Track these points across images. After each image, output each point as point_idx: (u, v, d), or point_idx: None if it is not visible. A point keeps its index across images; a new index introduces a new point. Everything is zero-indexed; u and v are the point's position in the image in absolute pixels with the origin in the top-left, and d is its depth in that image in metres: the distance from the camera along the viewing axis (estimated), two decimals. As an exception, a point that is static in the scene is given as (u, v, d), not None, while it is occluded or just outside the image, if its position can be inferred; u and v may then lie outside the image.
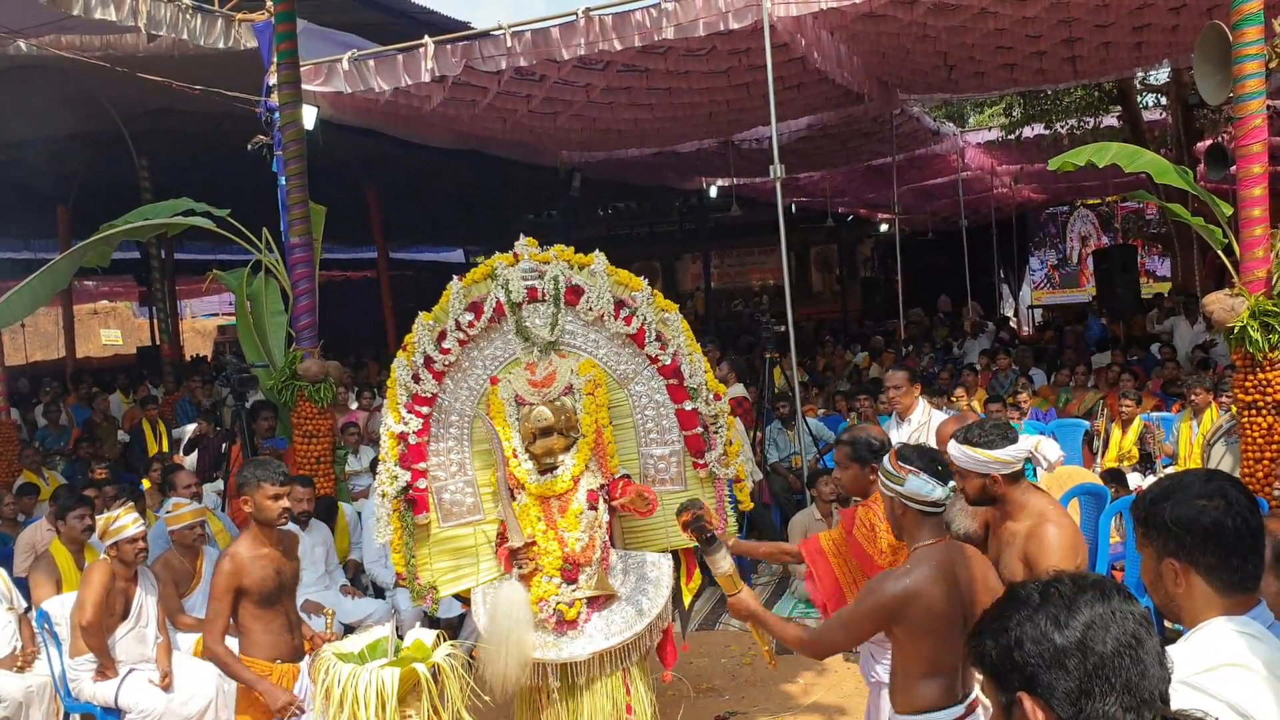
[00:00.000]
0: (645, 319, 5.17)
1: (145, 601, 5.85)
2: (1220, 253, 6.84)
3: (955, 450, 3.79)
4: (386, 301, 17.28)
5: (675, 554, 5.29)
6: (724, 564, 3.82)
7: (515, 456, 5.08)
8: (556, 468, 5.03)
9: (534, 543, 5.00)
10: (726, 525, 5.26)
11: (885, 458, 3.52)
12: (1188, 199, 7.77)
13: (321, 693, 4.13)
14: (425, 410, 5.29)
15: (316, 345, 8.08)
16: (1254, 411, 6.35)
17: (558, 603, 4.91)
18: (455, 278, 5.36)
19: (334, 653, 4.25)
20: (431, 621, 6.63)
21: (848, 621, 3.40)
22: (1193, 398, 8.74)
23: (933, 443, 5.04)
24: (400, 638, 4.45)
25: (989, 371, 12.69)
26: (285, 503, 4.66)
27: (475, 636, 5.12)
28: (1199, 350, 12.90)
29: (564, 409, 5.05)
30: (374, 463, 8.51)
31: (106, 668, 5.67)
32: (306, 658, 4.82)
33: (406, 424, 5.26)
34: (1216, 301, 6.44)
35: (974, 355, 14.85)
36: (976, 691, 3.41)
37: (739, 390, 10.53)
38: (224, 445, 9.10)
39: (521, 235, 5.42)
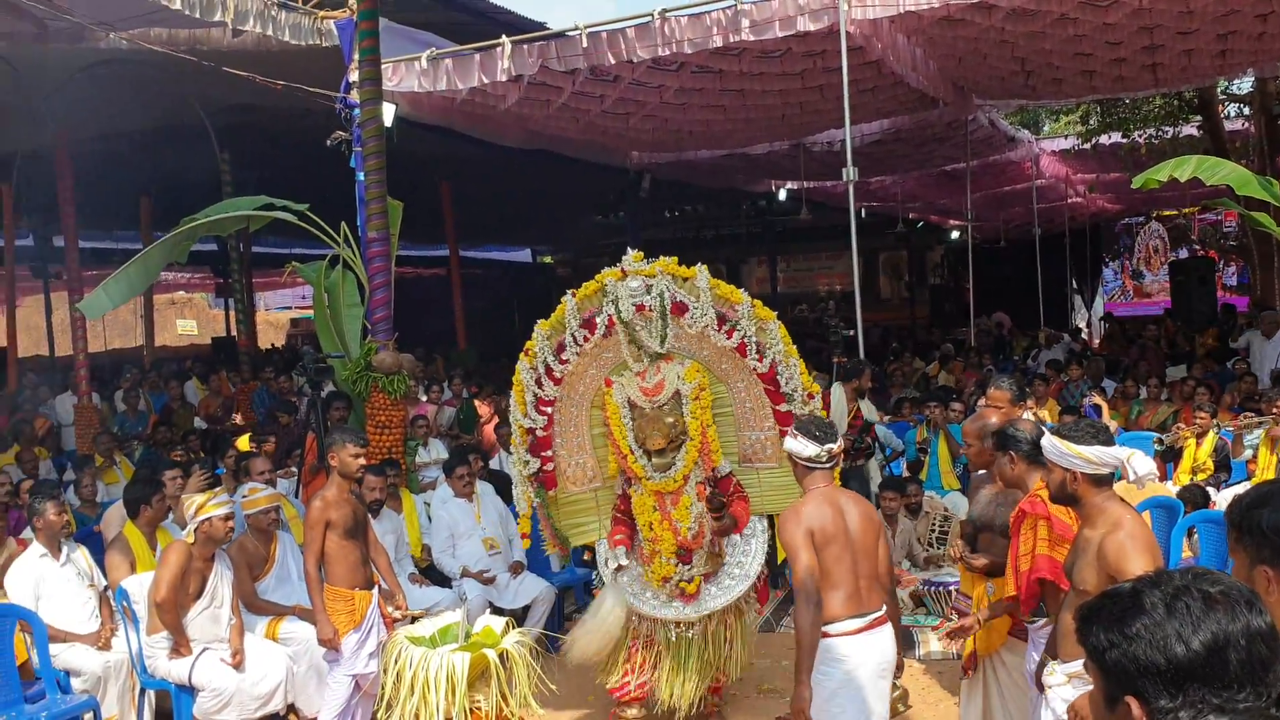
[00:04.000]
0: (746, 333, 5.67)
1: (221, 583, 5.99)
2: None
3: (1045, 442, 3.88)
4: (457, 299, 17.44)
5: (770, 518, 5.96)
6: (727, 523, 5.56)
7: (632, 453, 5.74)
8: (670, 467, 5.69)
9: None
10: None
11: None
12: (1270, 210, 7.63)
13: (393, 675, 4.22)
14: (549, 410, 6.06)
15: (391, 338, 8.21)
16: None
17: (678, 580, 5.71)
18: (570, 293, 5.91)
19: (406, 636, 4.33)
20: (497, 611, 6.73)
21: (793, 553, 4.22)
22: (1275, 411, 8.56)
23: None
24: (470, 625, 4.53)
25: (1060, 381, 12.52)
26: (363, 460, 5.74)
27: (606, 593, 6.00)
28: (1281, 367, 12.59)
29: (674, 414, 5.68)
30: (456, 452, 8.67)
31: (180, 645, 5.81)
32: (376, 588, 5.72)
33: (534, 421, 6.06)
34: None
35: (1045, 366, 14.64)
36: (882, 613, 4.31)
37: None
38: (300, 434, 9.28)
39: (629, 250, 5.90)
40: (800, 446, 4.36)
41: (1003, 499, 4.71)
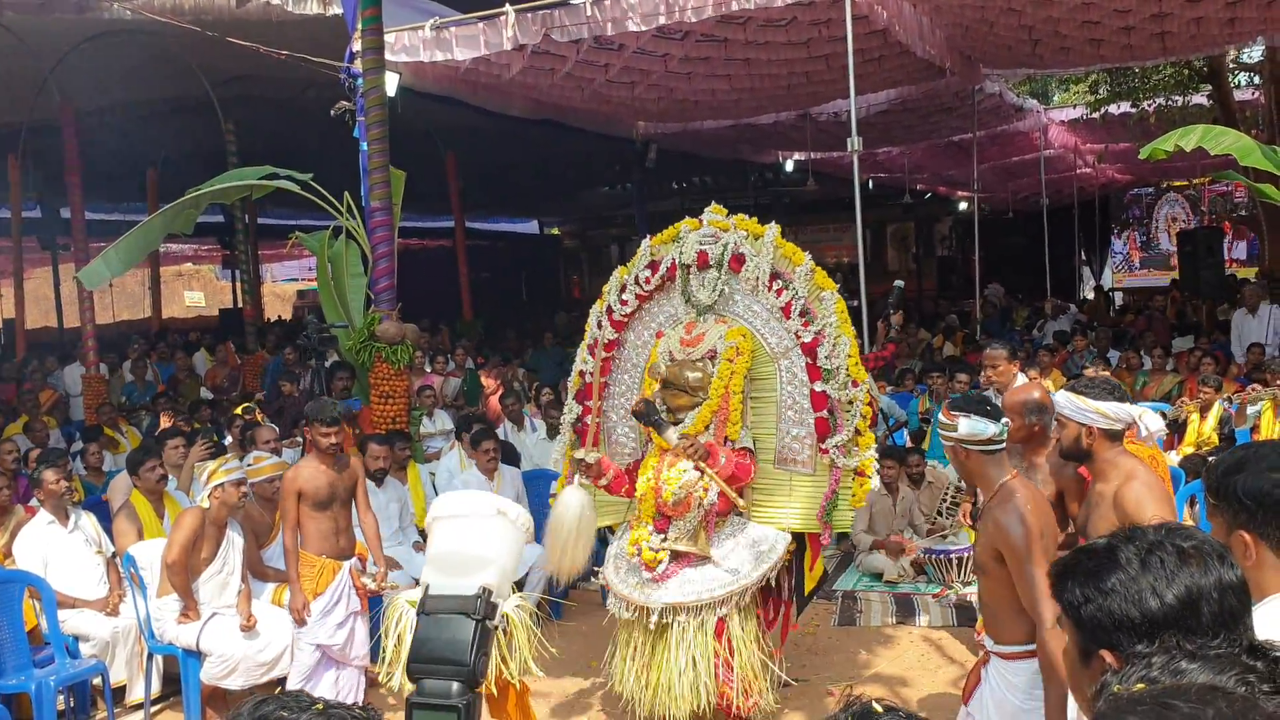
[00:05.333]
0: (796, 293, 5.46)
1: (232, 550, 6.06)
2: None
3: (1060, 397, 3.94)
4: (463, 270, 17.41)
5: (802, 538, 5.51)
6: (671, 437, 5.18)
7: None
8: (679, 424, 5.36)
9: (596, 464, 5.44)
10: (830, 522, 5.38)
11: (939, 411, 3.86)
12: (1277, 181, 7.60)
13: (393, 638, 4.27)
14: (605, 355, 5.92)
15: (395, 308, 8.23)
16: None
17: (645, 548, 5.28)
18: (647, 236, 5.88)
19: (406, 600, 4.38)
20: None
21: (1038, 580, 3.31)
22: (1278, 382, 8.56)
23: None
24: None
25: (1065, 352, 12.52)
26: (333, 439, 5.79)
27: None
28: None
29: (700, 369, 5.41)
30: (464, 421, 8.68)
31: (189, 608, 5.87)
32: (352, 559, 5.89)
33: (586, 364, 6.03)
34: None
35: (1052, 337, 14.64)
36: None
37: None
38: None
39: (702, 208, 5.88)
40: (982, 426, 3.57)
41: (1038, 474, 4.72)
